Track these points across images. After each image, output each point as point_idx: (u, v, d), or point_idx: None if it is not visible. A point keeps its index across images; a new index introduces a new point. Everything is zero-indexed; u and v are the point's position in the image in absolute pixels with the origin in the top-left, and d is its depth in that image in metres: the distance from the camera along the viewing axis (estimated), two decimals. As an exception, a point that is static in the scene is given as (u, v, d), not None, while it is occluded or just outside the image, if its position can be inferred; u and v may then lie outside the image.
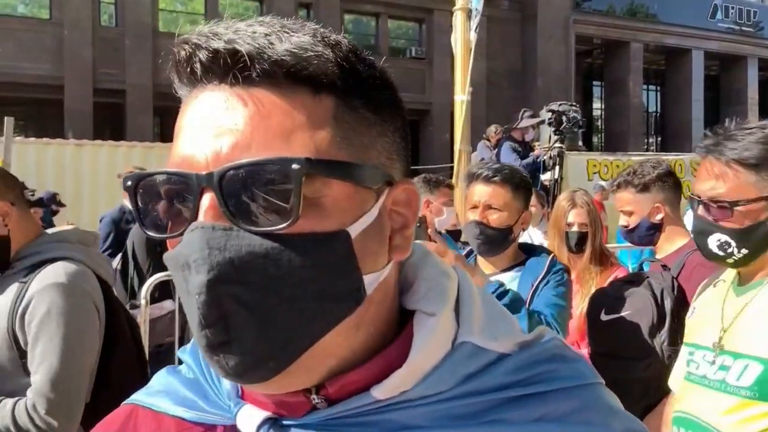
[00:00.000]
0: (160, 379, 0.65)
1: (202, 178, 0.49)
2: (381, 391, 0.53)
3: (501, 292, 2.00)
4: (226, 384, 0.59)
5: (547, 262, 2.24)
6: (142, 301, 3.66)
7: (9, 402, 1.64)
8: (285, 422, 0.55)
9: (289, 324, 0.49)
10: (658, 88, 26.77)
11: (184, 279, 0.49)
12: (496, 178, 2.19)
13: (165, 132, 18.91)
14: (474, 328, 0.56)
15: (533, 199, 5.70)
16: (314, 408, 0.54)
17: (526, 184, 2.30)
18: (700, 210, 1.51)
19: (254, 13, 19.51)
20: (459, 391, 0.54)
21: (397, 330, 0.57)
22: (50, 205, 5.98)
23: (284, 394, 0.53)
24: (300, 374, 0.51)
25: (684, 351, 1.65)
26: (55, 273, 1.72)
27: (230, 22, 0.51)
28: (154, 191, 0.52)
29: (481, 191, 2.20)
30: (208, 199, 0.48)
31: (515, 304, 2.01)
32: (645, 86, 25.10)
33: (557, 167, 6.99)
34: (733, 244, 1.47)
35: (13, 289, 1.74)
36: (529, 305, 2.12)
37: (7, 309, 1.72)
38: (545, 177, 7.15)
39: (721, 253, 1.50)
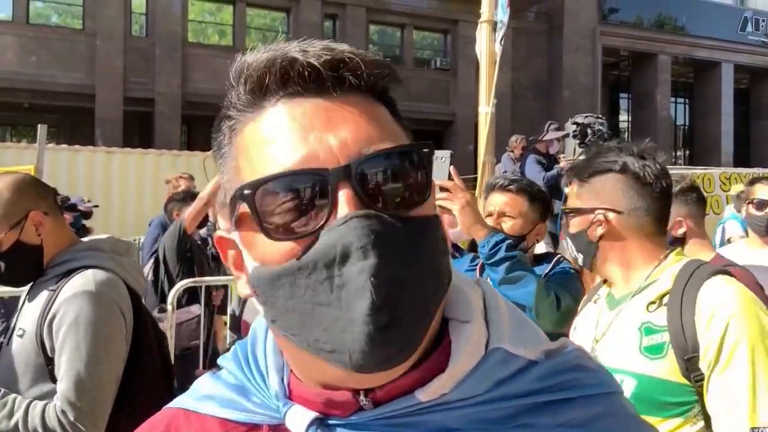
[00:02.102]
0: (205, 384, 0.68)
1: (339, 171, 0.52)
2: (425, 394, 0.56)
3: (508, 247, 2.04)
4: (274, 385, 0.62)
5: (554, 260, 2.28)
6: (169, 307, 3.71)
7: (39, 404, 1.67)
8: (331, 422, 0.57)
9: (425, 297, 0.54)
10: (687, 101, 26.40)
11: (329, 276, 0.51)
12: (512, 187, 2.25)
13: (192, 140, 19.18)
14: (504, 335, 0.59)
15: None
16: (360, 408, 0.57)
17: (543, 197, 2.33)
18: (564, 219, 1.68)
19: (281, 23, 19.78)
20: (492, 395, 0.57)
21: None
22: (80, 209, 6.10)
23: (334, 393, 0.57)
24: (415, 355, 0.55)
25: None
26: (84, 281, 1.74)
27: (310, 41, 0.56)
28: (281, 194, 0.53)
29: (497, 200, 2.26)
30: (348, 190, 0.51)
31: (518, 265, 2.05)
32: (673, 99, 24.77)
33: (582, 180, 6.92)
34: (574, 249, 1.63)
35: (43, 296, 1.76)
36: None
37: (36, 316, 1.74)
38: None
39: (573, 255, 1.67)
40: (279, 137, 0.54)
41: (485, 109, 4.99)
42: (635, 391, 1.44)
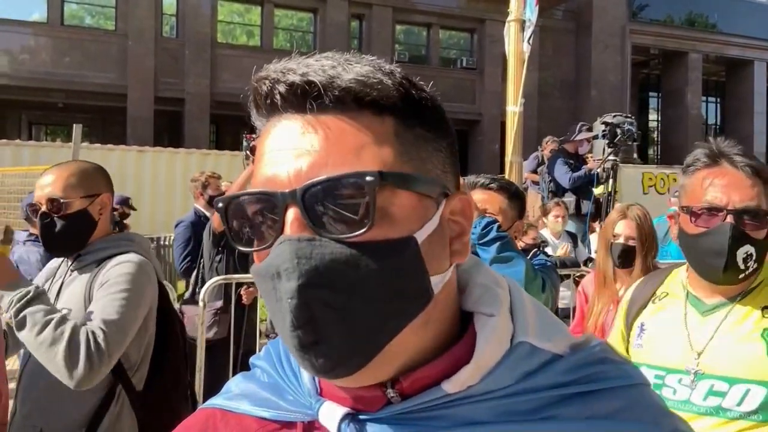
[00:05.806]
0: (237, 384, 0.70)
1: (286, 195, 0.54)
2: (451, 385, 0.57)
3: (498, 228, 2.13)
4: (306, 383, 0.64)
5: (531, 252, 2.40)
6: (201, 303, 3.87)
7: (75, 321, 1.79)
8: (362, 417, 0.59)
9: (369, 323, 0.54)
10: (718, 100, 25.86)
11: (273, 288, 0.54)
12: (492, 185, 2.35)
13: (220, 139, 19.41)
14: (529, 329, 0.61)
15: (560, 210, 5.65)
16: (389, 402, 0.59)
17: (521, 195, 2.47)
18: (730, 220, 1.39)
19: (308, 24, 19.90)
20: (518, 387, 0.58)
21: (459, 329, 0.62)
22: (121, 207, 6.25)
23: (361, 389, 0.58)
24: (377, 369, 0.56)
25: (649, 373, 1.50)
26: (127, 258, 1.95)
27: (300, 59, 0.58)
28: (243, 210, 0.58)
29: (478, 197, 2.34)
30: (292, 213, 0.54)
31: (508, 246, 2.13)
32: (704, 98, 24.29)
33: (611, 180, 6.83)
34: (755, 257, 1.39)
35: (84, 278, 1.94)
36: None
37: (81, 294, 1.91)
38: (598, 191, 6.99)
39: (742, 267, 1.39)
40: (259, 158, 0.59)
41: (513, 109, 4.96)
42: (765, 400, 1.37)
